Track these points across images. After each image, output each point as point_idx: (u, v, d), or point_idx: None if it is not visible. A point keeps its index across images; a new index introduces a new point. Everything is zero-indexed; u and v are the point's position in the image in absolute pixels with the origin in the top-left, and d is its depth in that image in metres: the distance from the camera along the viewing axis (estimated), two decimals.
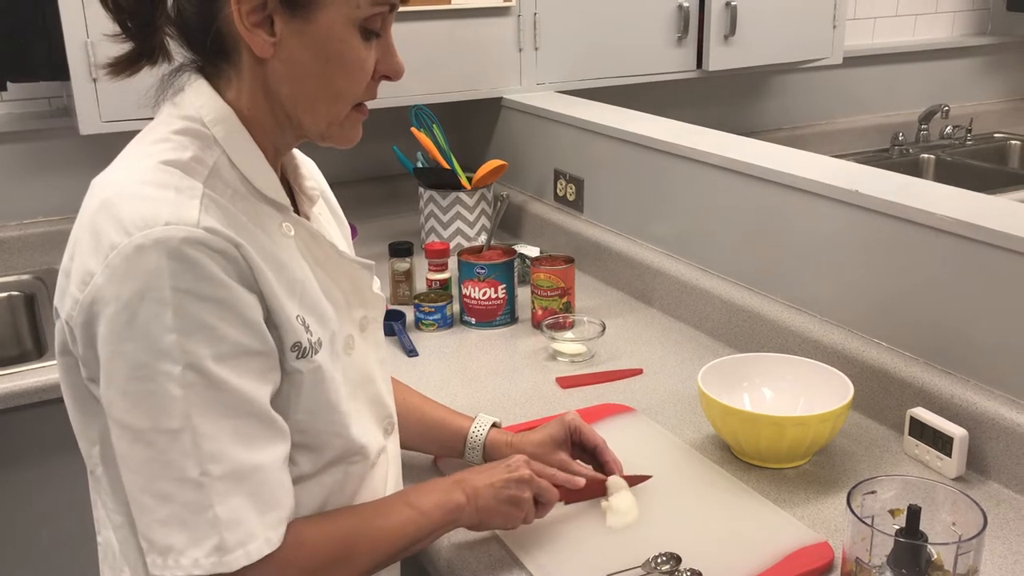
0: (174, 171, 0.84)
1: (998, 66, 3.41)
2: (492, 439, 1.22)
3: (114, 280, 0.79)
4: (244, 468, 0.82)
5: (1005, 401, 1.23)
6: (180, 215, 0.80)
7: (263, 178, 0.91)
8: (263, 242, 0.88)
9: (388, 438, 1.07)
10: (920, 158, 3.09)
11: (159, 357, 0.79)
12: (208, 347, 0.80)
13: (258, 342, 0.84)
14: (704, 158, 1.71)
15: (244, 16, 0.84)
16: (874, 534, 0.92)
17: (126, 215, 0.80)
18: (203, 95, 0.89)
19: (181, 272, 0.79)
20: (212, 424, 0.81)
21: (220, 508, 0.81)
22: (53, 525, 1.69)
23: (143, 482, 0.82)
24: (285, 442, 0.88)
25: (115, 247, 0.79)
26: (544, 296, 1.73)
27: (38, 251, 2.12)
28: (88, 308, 0.81)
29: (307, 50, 0.87)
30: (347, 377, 0.97)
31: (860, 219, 1.42)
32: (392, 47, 0.92)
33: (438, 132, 2.18)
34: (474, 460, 1.23)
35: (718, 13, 2.43)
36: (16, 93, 2.14)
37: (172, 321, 0.79)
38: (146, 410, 0.80)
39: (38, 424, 1.62)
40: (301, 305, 0.91)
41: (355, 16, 0.86)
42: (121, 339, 0.79)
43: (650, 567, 1.05)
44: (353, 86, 0.90)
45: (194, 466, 0.80)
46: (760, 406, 1.33)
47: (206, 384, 0.80)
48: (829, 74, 3.00)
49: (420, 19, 2.12)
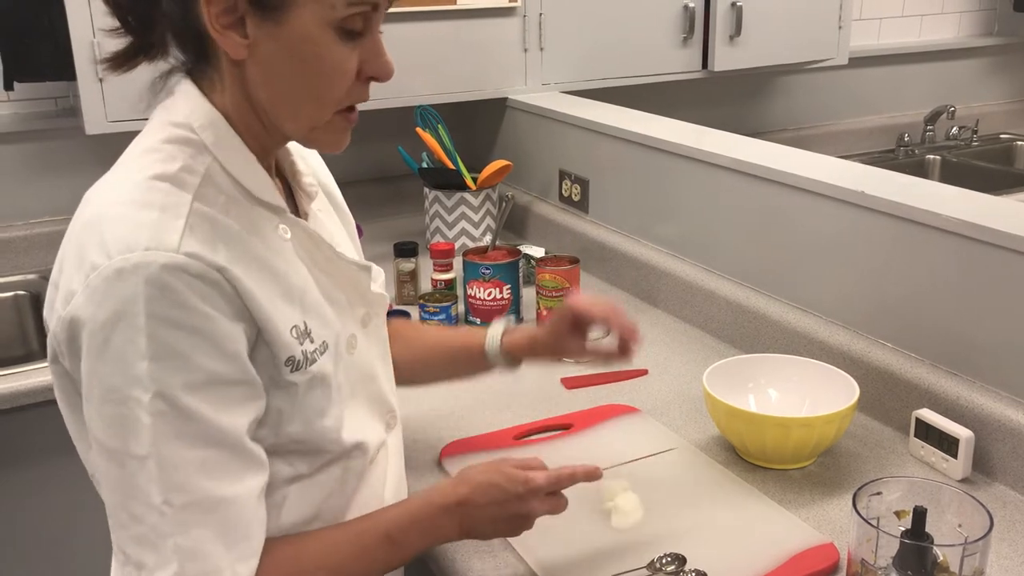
0: (162, 186, 0.83)
1: (1004, 67, 3.40)
2: (509, 343, 1.22)
3: (92, 301, 0.79)
4: (211, 500, 0.82)
5: (1011, 403, 1.23)
6: (161, 239, 0.79)
7: (256, 181, 0.90)
8: (257, 250, 0.87)
9: (390, 432, 1.07)
10: (926, 159, 3.08)
11: (130, 383, 0.79)
12: (180, 376, 0.79)
13: (237, 371, 0.83)
14: (709, 159, 1.71)
15: (214, 18, 0.82)
16: (879, 535, 0.92)
17: (109, 237, 0.80)
18: (191, 99, 0.88)
19: (157, 299, 0.78)
20: (179, 454, 0.80)
21: (180, 538, 0.80)
22: (61, 522, 1.69)
23: (118, 499, 0.82)
24: (262, 474, 0.87)
25: (96, 268, 0.79)
26: (549, 296, 1.73)
27: (44, 251, 2.12)
28: (70, 326, 0.81)
29: (281, 52, 0.84)
30: (348, 377, 0.97)
31: (865, 220, 1.41)
32: (380, 47, 0.89)
33: (443, 132, 2.18)
34: (502, 367, 1.23)
35: (724, 13, 2.42)
36: (22, 93, 2.15)
37: (145, 348, 0.78)
38: (117, 432, 0.80)
39: (45, 423, 1.62)
40: (303, 310, 0.90)
41: (330, 17, 0.83)
42: (97, 360, 0.80)
43: (655, 568, 1.05)
44: (333, 89, 0.87)
45: (158, 494, 0.80)
46: (765, 407, 1.33)
47: (175, 413, 0.80)
48: (835, 75, 2.99)
49: (425, 19, 2.12)
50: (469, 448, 1.31)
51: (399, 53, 0.92)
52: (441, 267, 1.83)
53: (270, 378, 0.87)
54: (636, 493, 1.16)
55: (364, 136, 0.95)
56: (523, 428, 1.37)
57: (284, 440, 0.90)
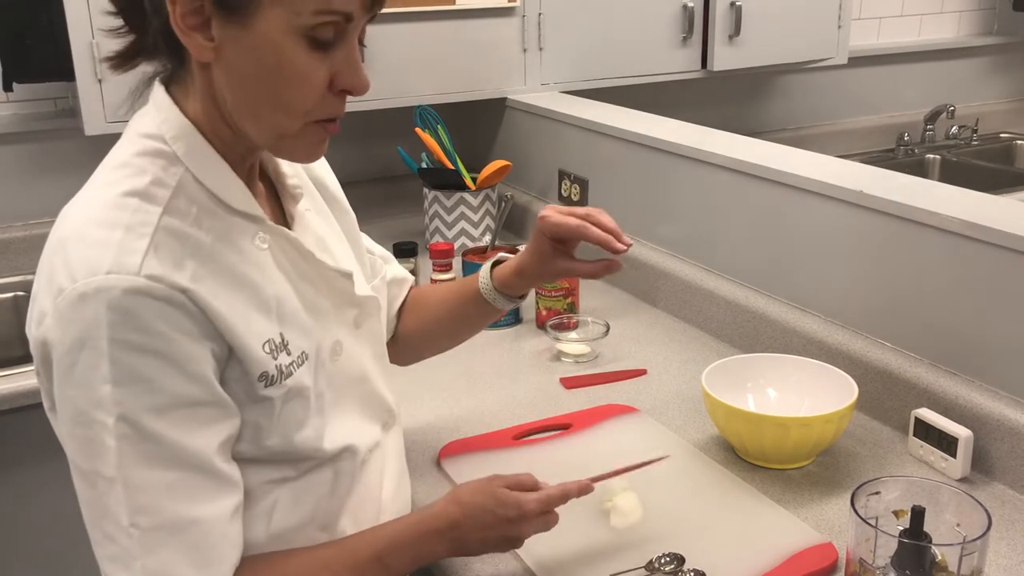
0: (131, 202, 0.82)
1: (1004, 66, 3.40)
2: (499, 280, 1.18)
3: (59, 325, 0.80)
4: (179, 522, 0.82)
5: (1010, 402, 1.23)
6: (122, 262, 0.79)
7: (230, 191, 0.88)
8: (231, 263, 0.86)
9: (387, 432, 1.06)
10: (925, 158, 3.08)
11: (95, 406, 0.79)
12: (143, 399, 0.80)
13: (203, 392, 0.83)
14: (709, 158, 1.71)
15: (180, 18, 0.81)
16: (878, 535, 0.92)
17: (74, 260, 0.80)
18: (163, 109, 0.87)
19: (119, 323, 0.78)
20: (144, 476, 0.80)
21: (148, 560, 0.81)
22: (57, 525, 1.69)
23: (93, 518, 0.83)
24: (234, 494, 0.86)
25: (62, 291, 0.80)
26: (548, 297, 1.73)
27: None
28: (42, 346, 0.82)
29: (244, 56, 0.82)
30: (332, 383, 0.96)
31: (865, 220, 1.41)
32: (354, 59, 0.85)
33: (442, 132, 2.18)
34: (503, 306, 1.20)
35: (723, 13, 2.42)
36: (22, 94, 2.15)
37: (108, 372, 0.78)
38: (87, 454, 0.81)
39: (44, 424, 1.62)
40: (280, 321, 0.90)
41: (297, 24, 0.80)
42: (65, 383, 0.81)
43: (653, 567, 1.05)
44: (300, 99, 0.83)
45: (125, 516, 0.80)
46: (764, 407, 1.33)
47: (139, 437, 0.80)
48: (834, 74, 2.99)
49: (424, 20, 2.12)
50: (468, 448, 1.31)
51: (398, 53, 0.92)
52: (440, 267, 1.83)
53: (246, 393, 0.87)
54: (635, 492, 1.16)
55: (363, 136, 0.95)
56: (522, 428, 1.37)
57: (265, 453, 0.89)
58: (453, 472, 1.26)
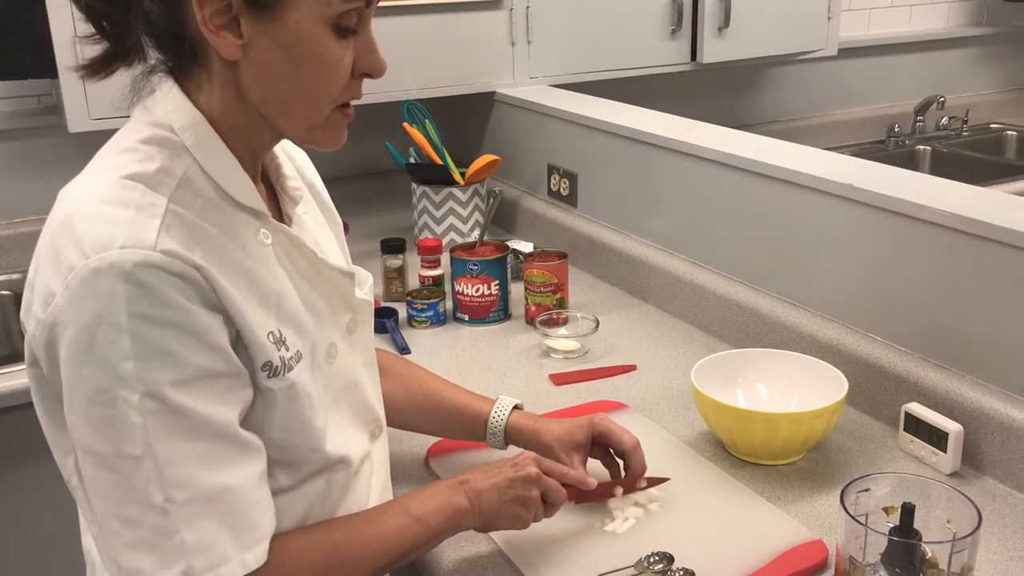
0: (137, 186, 0.82)
1: (994, 56, 3.40)
2: (514, 423, 1.19)
3: (73, 303, 0.78)
4: (212, 491, 0.81)
5: (1000, 396, 1.22)
6: (137, 237, 0.78)
7: (237, 185, 0.88)
8: (235, 255, 0.86)
9: (375, 442, 1.05)
10: (916, 149, 3.08)
11: (117, 384, 0.78)
12: (167, 373, 0.79)
13: (223, 363, 0.82)
14: (699, 152, 1.70)
15: (208, 19, 0.81)
16: (868, 533, 0.92)
17: (84, 236, 0.79)
18: (173, 99, 0.87)
19: (137, 297, 0.77)
20: (174, 450, 0.79)
21: (187, 534, 0.80)
22: (50, 525, 1.68)
23: (110, 506, 0.81)
24: (259, 459, 0.86)
25: (73, 269, 0.78)
26: (537, 292, 1.72)
27: (28, 250, 2.04)
28: (50, 329, 0.80)
29: (277, 51, 0.84)
30: (329, 387, 0.95)
31: (855, 213, 1.41)
32: (372, 43, 0.89)
33: (431, 127, 2.17)
34: (496, 446, 1.20)
35: (712, 5, 2.41)
36: (4, 91, 2.13)
37: (129, 348, 0.77)
38: (108, 436, 0.79)
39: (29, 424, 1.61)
40: (278, 317, 0.89)
41: (326, 14, 0.83)
42: (81, 364, 0.78)
43: (643, 566, 1.04)
44: (330, 86, 0.87)
45: (158, 492, 0.79)
46: (754, 402, 1.32)
47: (166, 410, 0.79)
48: (824, 66, 2.98)
49: (412, 13, 2.10)
50: (455, 447, 1.30)
51: (385, 48, 0.91)
52: (429, 263, 1.82)
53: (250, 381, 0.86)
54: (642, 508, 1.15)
55: (351, 132, 0.95)
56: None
57: (267, 447, 0.88)
58: (441, 471, 1.25)
